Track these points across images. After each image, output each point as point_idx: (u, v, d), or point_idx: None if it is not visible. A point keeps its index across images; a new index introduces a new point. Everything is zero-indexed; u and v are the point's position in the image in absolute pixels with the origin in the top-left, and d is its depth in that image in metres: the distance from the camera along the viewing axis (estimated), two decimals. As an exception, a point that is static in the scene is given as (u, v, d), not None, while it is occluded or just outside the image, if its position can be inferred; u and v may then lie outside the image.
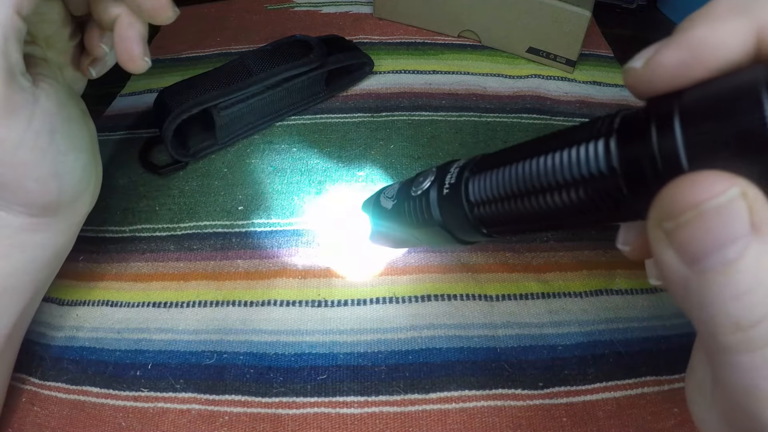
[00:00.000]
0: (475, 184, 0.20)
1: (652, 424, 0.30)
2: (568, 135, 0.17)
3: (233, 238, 0.39)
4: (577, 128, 0.17)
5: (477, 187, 0.20)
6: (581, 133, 0.16)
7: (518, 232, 0.20)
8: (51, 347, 0.34)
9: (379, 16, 0.58)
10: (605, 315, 0.34)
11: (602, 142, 0.15)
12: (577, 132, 0.16)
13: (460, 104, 0.48)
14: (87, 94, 0.54)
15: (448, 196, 0.22)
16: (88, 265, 0.38)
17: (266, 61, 0.44)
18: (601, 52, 0.55)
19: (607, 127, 0.15)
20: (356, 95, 0.49)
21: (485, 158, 0.21)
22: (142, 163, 0.44)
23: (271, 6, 0.62)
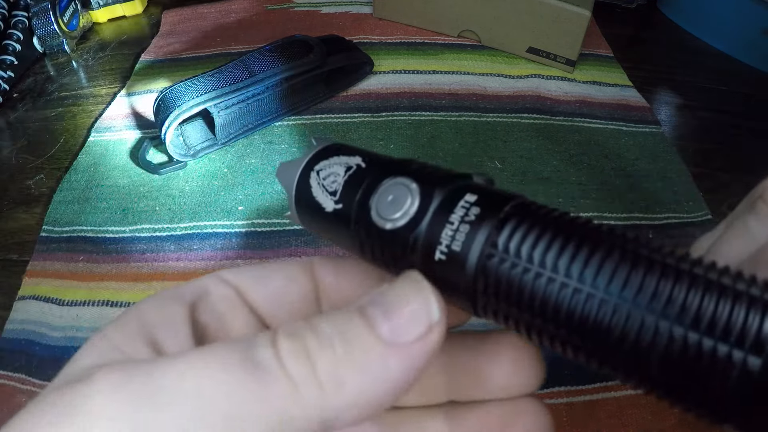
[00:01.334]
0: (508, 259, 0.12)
1: (653, 423, 0.30)
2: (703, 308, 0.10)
3: (233, 238, 0.39)
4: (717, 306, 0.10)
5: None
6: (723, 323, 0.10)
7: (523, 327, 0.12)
8: (51, 347, 0.34)
9: (379, 16, 0.58)
10: (605, 315, 0.34)
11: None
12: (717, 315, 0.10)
13: (460, 104, 0.48)
14: (87, 95, 0.54)
15: (444, 264, 0.13)
16: (88, 265, 0.38)
17: (266, 61, 0.44)
18: (601, 52, 0.55)
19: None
20: (356, 95, 0.49)
21: (531, 219, 0.12)
22: (143, 163, 0.44)
23: (271, 6, 0.62)
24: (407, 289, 0.12)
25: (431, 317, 0.12)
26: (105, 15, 0.63)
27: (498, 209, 0.12)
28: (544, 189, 0.41)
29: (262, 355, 0.11)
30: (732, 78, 0.54)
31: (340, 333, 0.12)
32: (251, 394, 0.11)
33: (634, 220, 0.40)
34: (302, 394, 0.11)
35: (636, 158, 0.44)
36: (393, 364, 0.12)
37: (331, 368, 0.11)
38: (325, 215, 0.15)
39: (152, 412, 0.11)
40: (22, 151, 0.48)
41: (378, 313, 0.12)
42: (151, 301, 0.14)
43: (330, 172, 0.15)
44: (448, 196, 0.13)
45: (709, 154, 0.46)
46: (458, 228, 0.12)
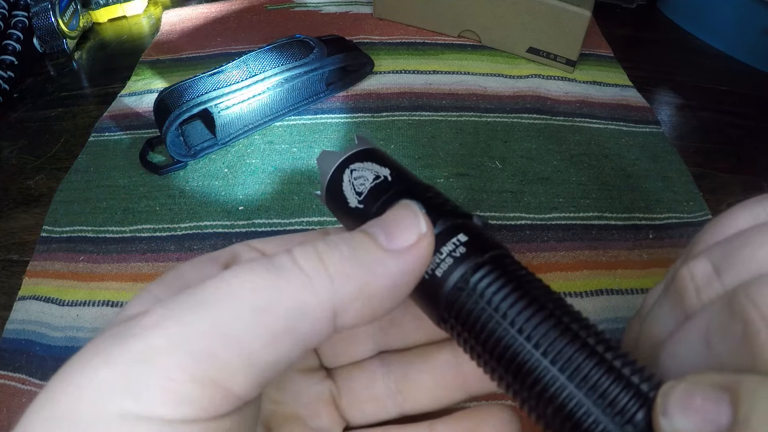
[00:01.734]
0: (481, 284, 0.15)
1: (653, 423, 0.30)
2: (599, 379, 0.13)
3: (234, 238, 0.39)
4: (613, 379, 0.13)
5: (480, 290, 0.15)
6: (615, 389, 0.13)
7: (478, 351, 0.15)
8: (51, 347, 0.34)
9: (379, 16, 0.58)
10: (606, 315, 0.34)
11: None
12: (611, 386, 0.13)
13: (460, 104, 0.48)
14: (87, 95, 0.54)
15: (426, 282, 0.15)
16: (88, 266, 0.38)
17: (267, 61, 0.44)
18: (601, 52, 0.55)
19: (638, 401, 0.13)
20: (356, 95, 0.49)
21: (499, 267, 0.15)
22: (143, 163, 0.44)
23: (272, 6, 0.62)
24: (400, 210, 0.15)
25: (420, 229, 0.14)
26: (105, 15, 0.63)
27: (479, 255, 0.15)
28: (544, 189, 0.41)
29: (280, 259, 0.14)
30: (732, 78, 0.54)
31: (345, 240, 0.14)
32: (273, 287, 0.13)
33: (635, 219, 0.40)
34: (315, 285, 0.13)
35: (636, 158, 0.44)
36: (390, 263, 0.14)
37: (339, 264, 0.14)
38: (347, 208, 0.18)
39: (196, 314, 0.12)
40: (23, 151, 0.48)
41: (377, 229, 0.15)
42: (189, 263, 0.16)
43: (361, 174, 0.18)
44: (446, 230, 0.15)
45: (709, 154, 0.46)
46: (444, 259, 0.15)
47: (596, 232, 0.39)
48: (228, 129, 0.44)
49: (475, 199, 0.41)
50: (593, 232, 0.39)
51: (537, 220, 0.39)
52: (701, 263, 0.16)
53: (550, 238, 0.38)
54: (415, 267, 0.14)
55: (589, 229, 0.39)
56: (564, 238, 0.38)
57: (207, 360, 0.12)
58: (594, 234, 0.39)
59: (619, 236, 0.39)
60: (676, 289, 0.16)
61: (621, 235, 0.39)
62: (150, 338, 0.12)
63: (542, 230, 0.39)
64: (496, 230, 0.39)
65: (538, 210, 0.40)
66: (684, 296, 0.16)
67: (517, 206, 0.40)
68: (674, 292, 0.16)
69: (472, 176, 0.42)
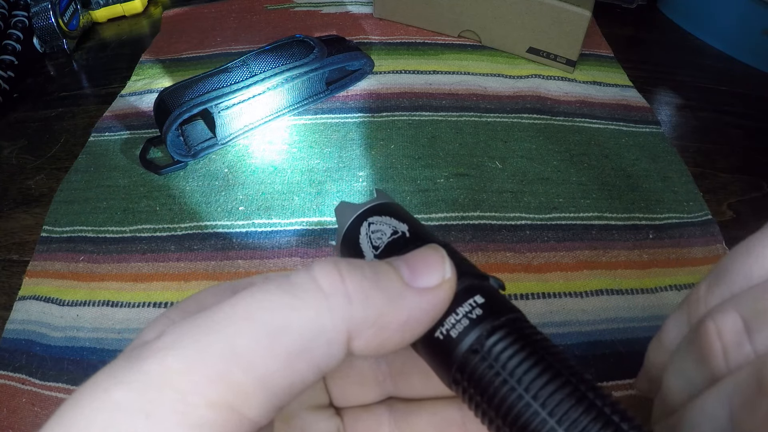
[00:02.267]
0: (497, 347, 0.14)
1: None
2: None
3: (234, 238, 0.39)
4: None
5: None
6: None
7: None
8: (51, 348, 0.34)
9: (380, 16, 0.58)
10: (605, 315, 0.34)
11: None
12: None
13: (460, 104, 0.48)
14: (87, 95, 0.54)
15: (440, 342, 0.15)
16: (88, 266, 0.38)
17: (267, 61, 0.44)
18: (601, 52, 0.55)
19: None
20: (357, 95, 0.49)
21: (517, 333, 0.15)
22: (143, 163, 0.44)
23: (272, 6, 0.62)
24: (428, 250, 0.15)
25: (444, 273, 0.14)
26: (105, 15, 0.63)
27: (495, 318, 0.15)
28: (544, 189, 0.41)
29: (297, 276, 0.13)
30: (732, 78, 0.54)
31: (369, 264, 0.14)
32: (288, 307, 0.13)
33: (635, 220, 0.40)
34: (332, 304, 0.13)
35: (636, 158, 0.44)
36: (410, 298, 0.14)
37: (359, 285, 0.13)
38: None
39: (211, 334, 0.12)
40: (23, 151, 0.48)
41: (402, 264, 0.15)
42: (209, 291, 0.16)
43: (379, 228, 0.18)
44: (463, 290, 0.15)
45: (709, 154, 0.46)
46: (460, 320, 0.15)
47: (596, 232, 0.39)
48: (228, 129, 0.44)
49: (475, 199, 0.41)
50: (593, 232, 0.39)
51: (537, 220, 0.39)
52: (730, 318, 0.15)
53: (550, 238, 0.38)
54: (433, 309, 0.14)
55: (589, 229, 0.39)
56: (564, 238, 0.38)
57: (223, 383, 0.12)
58: (594, 234, 0.39)
59: (619, 236, 0.39)
60: (702, 346, 0.15)
61: (621, 235, 0.39)
62: (165, 360, 0.12)
63: (542, 230, 0.39)
64: (496, 230, 0.39)
65: (538, 210, 0.40)
66: (710, 356, 0.15)
67: (517, 206, 0.40)
68: (700, 348, 0.15)
69: (472, 176, 0.42)
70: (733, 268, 0.16)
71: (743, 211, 0.41)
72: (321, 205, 0.41)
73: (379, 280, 0.14)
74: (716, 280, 0.16)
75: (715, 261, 0.37)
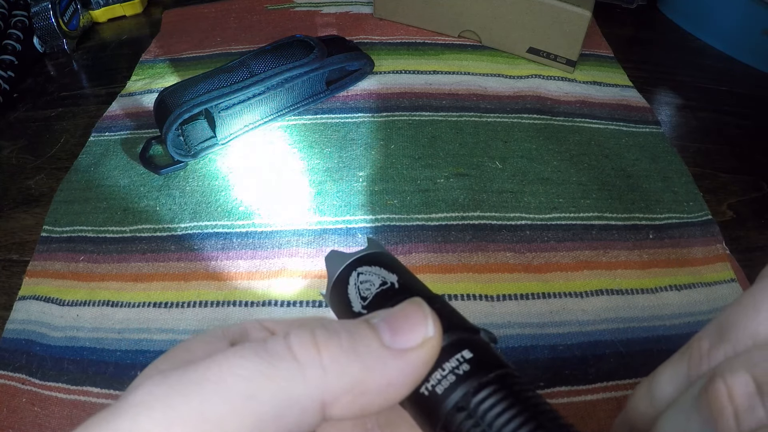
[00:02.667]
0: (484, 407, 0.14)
1: (653, 424, 0.30)
2: None
3: (234, 238, 0.39)
4: None
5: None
6: None
7: None
8: (51, 347, 0.34)
9: (380, 16, 0.58)
10: (605, 315, 0.34)
11: None
12: None
13: (460, 104, 0.48)
14: (87, 95, 0.54)
15: (425, 398, 0.15)
16: (88, 265, 0.38)
17: (267, 61, 0.44)
18: (601, 53, 0.55)
19: None
20: (357, 95, 0.49)
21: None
22: (143, 163, 0.44)
23: (272, 6, 0.62)
24: (409, 307, 0.15)
25: (427, 332, 0.14)
26: (105, 15, 0.63)
27: (483, 374, 0.14)
28: (544, 189, 0.41)
29: (274, 344, 0.13)
30: (732, 78, 0.54)
31: (347, 329, 0.14)
32: (262, 375, 0.13)
33: (635, 220, 0.40)
34: (307, 375, 0.13)
35: (636, 158, 0.44)
36: (389, 363, 0.13)
37: (335, 355, 0.13)
38: (350, 312, 0.17)
39: (183, 396, 0.12)
40: (23, 151, 0.48)
41: (382, 323, 0.14)
42: (199, 338, 0.16)
43: (368, 278, 0.17)
44: (450, 344, 0.15)
45: (709, 155, 0.46)
46: (447, 375, 0.14)
47: (596, 233, 0.39)
48: (228, 129, 0.44)
49: (475, 199, 0.41)
50: (593, 232, 0.39)
51: (537, 220, 0.39)
52: (742, 380, 0.14)
53: (550, 238, 0.38)
54: (415, 371, 0.14)
55: (589, 229, 0.39)
56: (564, 238, 0.38)
57: None
58: (594, 234, 0.39)
59: (619, 236, 0.39)
60: (712, 408, 0.14)
61: (621, 235, 0.39)
62: (137, 418, 0.12)
63: (542, 230, 0.39)
64: (496, 230, 0.39)
65: (538, 210, 0.40)
66: (720, 419, 0.14)
67: (518, 206, 0.40)
68: (707, 409, 0.14)
69: (473, 176, 0.42)
70: (739, 325, 0.15)
71: (743, 211, 0.41)
72: (321, 205, 0.41)
73: (356, 347, 0.13)
74: (720, 335, 0.16)
75: (715, 261, 0.37)
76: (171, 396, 0.12)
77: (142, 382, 0.13)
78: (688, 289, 0.36)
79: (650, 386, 0.18)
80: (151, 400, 0.12)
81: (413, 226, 0.39)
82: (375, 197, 0.41)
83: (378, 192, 0.41)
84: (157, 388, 0.13)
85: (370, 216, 0.40)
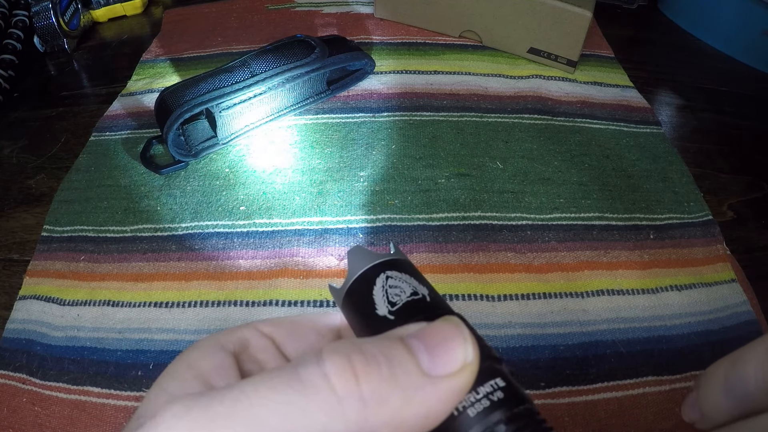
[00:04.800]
0: None
1: (654, 423, 0.30)
2: None
3: (235, 238, 0.39)
4: None
5: None
6: None
7: None
8: (52, 347, 0.34)
9: (380, 16, 0.58)
10: (606, 315, 0.34)
11: None
12: None
13: (461, 104, 0.48)
14: (88, 94, 0.54)
15: (455, 419, 0.15)
16: (89, 265, 0.38)
17: (268, 60, 0.44)
18: (602, 53, 0.55)
19: None
20: (357, 95, 0.49)
21: None
22: (144, 162, 0.44)
23: (272, 6, 0.62)
24: (446, 327, 0.14)
25: (467, 357, 0.13)
26: (106, 14, 0.63)
27: (515, 405, 0.14)
28: (545, 189, 0.41)
29: (308, 372, 0.12)
30: (732, 78, 0.54)
31: (385, 355, 0.13)
32: (298, 409, 0.12)
33: (635, 220, 0.40)
34: (345, 409, 0.12)
35: (637, 159, 0.44)
36: (429, 391, 0.13)
37: (376, 386, 0.12)
38: (372, 314, 0.16)
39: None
40: (23, 150, 0.48)
41: (419, 345, 0.13)
42: (198, 351, 0.15)
43: (398, 284, 0.17)
44: (485, 370, 0.14)
45: (710, 155, 0.46)
46: (480, 399, 0.14)
47: (597, 233, 0.39)
48: (229, 129, 0.44)
49: (476, 199, 0.41)
50: (594, 232, 0.39)
51: (538, 220, 0.39)
52: None
53: (551, 238, 0.38)
54: (453, 398, 0.13)
55: (590, 229, 0.39)
56: (565, 238, 0.38)
57: None
58: (595, 234, 0.39)
59: (620, 237, 0.39)
60: None
61: (622, 235, 0.39)
62: None
63: (543, 230, 0.39)
64: (497, 230, 0.39)
65: (539, 210, 0.40)
66: None
67: (518, 206, 0.40)
68: None
69: (473, 176, 0.42)
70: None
71: (743, 211, 0.41)
72: (322, 205, 0.41)
73: (396, 376, 0.13)
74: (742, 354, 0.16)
75: (716, 261, 0.37)
76: (197, 429, 0.11)
77: (158, 411, 0.12)
78: (688, 289, 0.36)
79: (729, 378, 0.17)
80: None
81: (414, 226, 0.39)
82: (376, 197, 0.41)
83: (379, 192, 0.41)
84: (181, 422, 0.11)
85: (371, 216, 0.40)
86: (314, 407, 0.12)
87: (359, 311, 0.17)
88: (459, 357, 0.13)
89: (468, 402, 0.14)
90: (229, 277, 0.37)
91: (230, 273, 0.37)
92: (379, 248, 0.38)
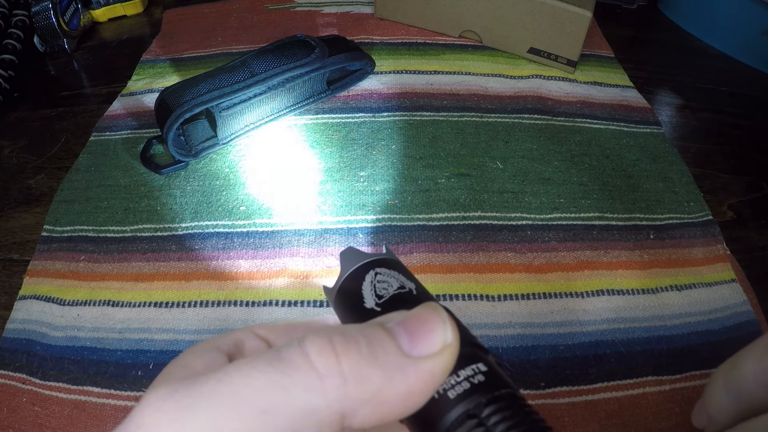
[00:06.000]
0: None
1: (654, 423, 0.30)
2: None
3: (235, 238, 0.39)
4: None
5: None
6: None
7: None
8: (52, 347, 0.34)
9: (381, 16, 0.58)
10: (606, 315, 0.34)
11: None
12: None
13: (461, 104, 0.48)
14: (88, 94, 0.54)
15: (436, 401, 0.15)
16: (89, 265, 0.38)
17: (268, 61, 0.44)
18: (602, 53, 0.55)
19: None
20: (358, 95, 0.49)
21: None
22: (144, 162, 0.44)
23: (272, 6, 0.62)
24: (426, 311, 0.14)
25: (446, 338, 0.14)
26: (106, 14, 0.63)
27: (496, 388, 0.14)
28: (545, 189, 0.41)
29: (289, 353, 0.12)
30: (732, 78, 0.54)
31: (365, 335, 0.13)
32: (278, 386, 0.12)
33: (635, 220, 0.40)
34: (326, 386, 0.12)
35: (637, 159, 0.44)
36: (409, 371, 0.13)
37: (355, 363, 0.12)
38: (360, 308, 0.17)
39: (194, 413, 0.12)
40: (23, 150, 0.48)
41: (399, 327, 0.14)
42: (191, 352, 0.15)
43: (386, 279, 0.17)
44: (466, 355, 0.15)
45: (710, 155, 0.46)
46: (461, 382, 0.14)
47: (597, 233, 0.39)
48: (229, 129, 0.44)
49: (476, 199, 0.41)
50: (594, 232, 0.39)
51: (538, 220, 0.39)
52: None
53: (551, 238, 0.38)
54: (435, 378, 0.13)
55: (590, 229, 0.39)
56: (565, 238, 0.38)
57: None
58: (595, 234, 0.39)
59: (620, 236, 0.39)
60: None
61: (622, 235, 0.39)
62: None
63: (543, 230, 0.39)
64: (497, 230, 0.39)
65: (539, 210, 0.40)
66: None
67: (519, 206, 0.40)
68: None
69: (474, 176, 0.42)
70: None
71: (743, 211, 0.41)
72: (322, 204, 0.41)
73: (376, 355, 0.13)
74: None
75: (716, 261, 0.37)
76: (181, 412, 0.12)
77: (147, 399, 0.12)
78: (688, 289, 0.36)
79: (729, 378, 0.17)
80: (160, 418, 0.12)
81: (414, 226, 0.39)
82: (376, 197, 0.41)
83: (379, 192, 0.41)
84: (165, 404, 0.12)
85: (372, 216, 0.40)
86: (295, 384, 0.12)
87: (349, 306, 0.17)
88: (438, 338, 0.14)
89: (448, 384, 0.14)
90: (229, 277, 0.37)
91: (230, 273, 0.37)
92: (378, 248, 0.38)
